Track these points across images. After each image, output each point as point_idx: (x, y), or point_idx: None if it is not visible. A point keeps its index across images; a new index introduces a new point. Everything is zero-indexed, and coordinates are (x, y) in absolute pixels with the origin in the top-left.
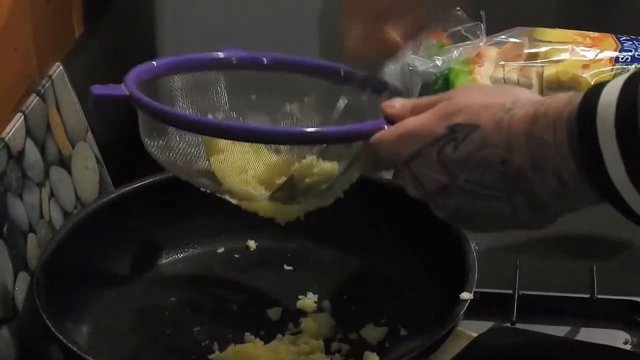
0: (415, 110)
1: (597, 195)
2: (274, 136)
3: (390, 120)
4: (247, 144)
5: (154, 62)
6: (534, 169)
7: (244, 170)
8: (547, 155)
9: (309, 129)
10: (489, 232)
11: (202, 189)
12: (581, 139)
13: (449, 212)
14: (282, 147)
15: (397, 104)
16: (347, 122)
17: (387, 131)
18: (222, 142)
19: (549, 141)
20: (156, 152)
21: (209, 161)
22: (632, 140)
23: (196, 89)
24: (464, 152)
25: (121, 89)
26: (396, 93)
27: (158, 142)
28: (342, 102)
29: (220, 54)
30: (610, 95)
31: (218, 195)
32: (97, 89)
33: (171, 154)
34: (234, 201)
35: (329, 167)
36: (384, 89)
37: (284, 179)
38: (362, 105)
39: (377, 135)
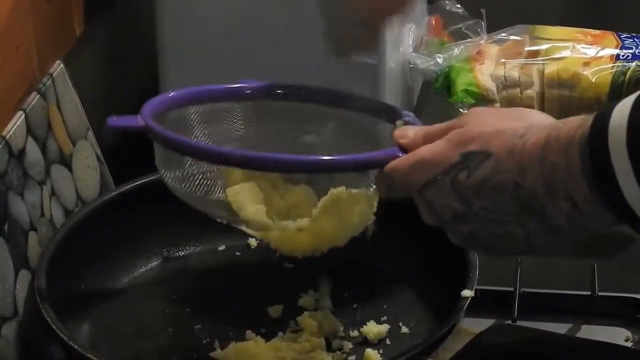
0: (428, 139)
1: (612, 218)
2: (288, 164)
3: (404, 149)
4: (262, 174)
5: (170, 94)
6: (547, 193)
7: (259, 201)
8: (559, 179)
9: (323, 157)
10: (504, 256)
11: (218, 220)
12: (593, 160)
13: (464, 238)
14: (299, 177)
15: (409, 133)
16: (363, 150)
17: (401, 159)
18: (239, 173)
19: (562, 164)
20: (172, 183)
21: (225, 192)
22: None
23: (212, 118)
24: (477, 179)
25: (137, 120)
26: (410, 121)
27: (174, 173)
28: (399, 123)
29: (235, 85)
30: (621, 115)
31: (234, 226)
32: (113, 121)
33: (187, 185)
34: (249, 231)
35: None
36: (398, 117)
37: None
38: (377, 133)
39: (392, 164)
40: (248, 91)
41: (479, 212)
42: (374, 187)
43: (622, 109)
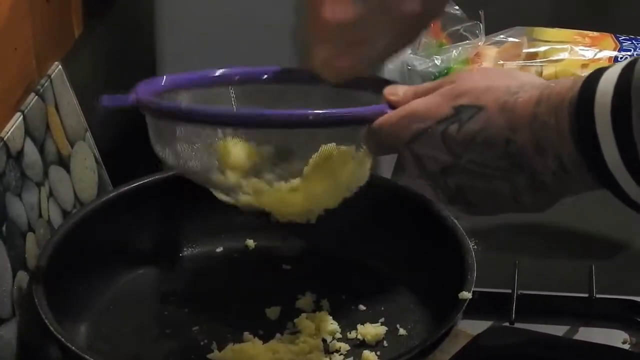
0: (418, 95)
1: (593, 180)
2: (275, 119)
3: (393, 106)
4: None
5: (162, 81)
6: (536, 149)
7: (253, 163)
8: (549, 137)
9: (312, 112)
10: (489, 214)
11: (213, 190)
12: (580, 124)
13: (450, 193)
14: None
15: (399, 91)
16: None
17: (391, 113)
18: (235, 149)
19: (551, 124)
20: (167, 156)
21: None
22: (627, 128)
23: (203, 102)
24: (468, 132)
25: (129, 98)
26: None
27: (169, 147)
28: None
29: (224, 70)
30: (608, 82)
31: (229, 194)
32: (105, 100)
33: (182, 157)
34: (244, 198)
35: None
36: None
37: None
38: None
39: (381, 119)
40: (237, 77)
41: (468, 166)
42: (365, 146)
43: (610, 76)
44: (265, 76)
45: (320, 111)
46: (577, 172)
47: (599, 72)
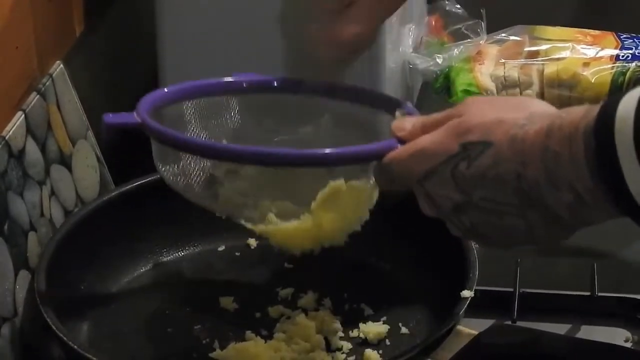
0: (426, 129)
1: (614, 209)
2: (285, 159)
3: (402, 141)
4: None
5: (165, 89)
6: (549, 183)
7: (258, 195)
8: (562, 169)
9: (321, 151)
10: (504, 248)
11: (217, 214)
12: (598, 152)
13: (464, 229)
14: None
15: (407, 125)
16: (361, 141)
17: (400, 150)
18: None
19: (565, 154)
20: (171, 178)
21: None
22: None
23: (208, 112)
24: (478, 169)
25: (133, 117)
26: (409, 112)
27: (173, 168)
28: (399, 113)
29: (231, 79)
30: (627, 108)
31: (233, 220)
32: (109, 118)
33: (186, 180)
34: (249, 225)
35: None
36: (396, 107)
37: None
38: (375, 124)
39: (390, 155)
40: (244, 85)
41: (480, 203)
42: (373, 180)
43: (629, 101)
44: (275, 84)
45: (331, 150)
46: (595, 202)
47: (615, 99)
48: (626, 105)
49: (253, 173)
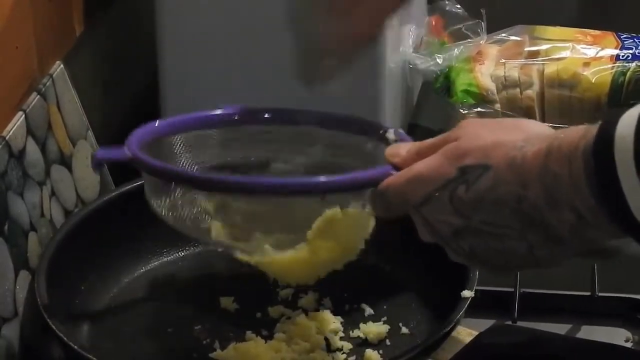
0: (421, 155)
1: (615, 228)
2: (279, 188)
3: (397, 168)
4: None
5: (156, 123)
6: (549, 203)
7: (251, 227)
8: (562, 189)
9: (316, 179)
10: (505, 272)
11: (211, 247)
12: (598, 171)
13: (464, 254)
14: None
15: (401, 151)
16: (353, 168)
17: (396, 176)
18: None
19: (564, 175)
20: (162, 211)
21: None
22: None
23: (199, 144)
24: (477, 192)
25: (124, 152)
26: (402, 137)
27: (165, 202)
28: (391, 133)
29: (220, 111)
30: (627, 126)
31: (230, 253)
32: (100, 153)
33: (179, 214)
34: (244, 258)
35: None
36: (384, 132)
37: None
38: (366, 151)
39: (386, 182)
40: (235, 117)
41: (479, 227)
42: (369, 206)
43: (628, 119)
44: (265, 116)
45: (325, 178)
46: (596, 221)
47: (614, 117)
48: (625, 124)
49: (246, 204)
